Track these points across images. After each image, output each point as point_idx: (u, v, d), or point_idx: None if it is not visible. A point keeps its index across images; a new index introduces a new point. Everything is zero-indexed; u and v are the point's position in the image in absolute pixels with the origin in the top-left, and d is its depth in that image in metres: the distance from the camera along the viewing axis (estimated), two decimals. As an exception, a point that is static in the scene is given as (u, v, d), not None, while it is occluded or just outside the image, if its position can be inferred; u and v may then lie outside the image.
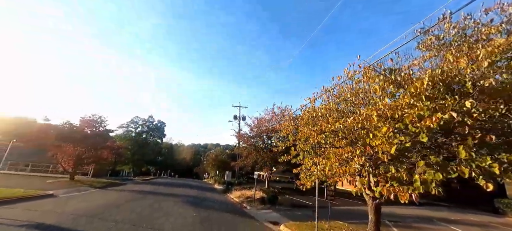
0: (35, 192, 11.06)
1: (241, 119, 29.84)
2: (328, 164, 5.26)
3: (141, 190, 16.92)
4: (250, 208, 13.22)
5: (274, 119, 21.62)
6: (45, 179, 18.32)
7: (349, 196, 23.70)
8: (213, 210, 10.74)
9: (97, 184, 17.68)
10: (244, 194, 18.52)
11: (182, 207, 10.33)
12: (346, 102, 5.27)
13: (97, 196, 12.18)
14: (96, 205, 9.21)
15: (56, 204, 8.99)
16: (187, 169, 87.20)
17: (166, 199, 12.84)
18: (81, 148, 17.83)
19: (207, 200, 14.85)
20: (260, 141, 21.37)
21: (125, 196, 12.97)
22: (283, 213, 11.82)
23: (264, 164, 20.48)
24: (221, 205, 13.14)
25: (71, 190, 13.83)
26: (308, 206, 14.94)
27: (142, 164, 39.44)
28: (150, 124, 39.58)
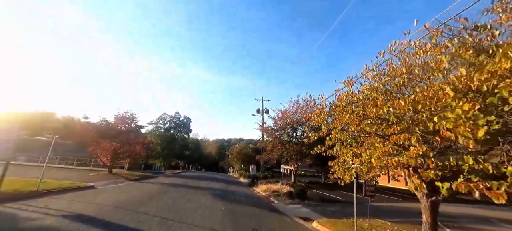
0: (79, 184, 11.98)
1: (264, 113, 29.42)
2: (375, 155, 4.52)
3: (172, 183, 17.57)
4: (277, 202, 12.82)
5: (299, 110, 20.75)
6: (88, 172, 20.08)
7: (382, 191, 22.00)
8: (241, 204, 10.55)
9: (132, 177, 18.83)
10: (270, 188, 18.20)
11: (210, 200, 10.31)
12: (396, 80, 4.42)
13: (132, 188, 12.82)
14: (130, 196, 9.59)
15: (96, 195, 9.56)
16: (212, 163, 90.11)
17: (195, 191, 13.05)
18: (117, 144, 19.05)
19: (234, 193, 14.82)
20: (284, 134, 20.72)
21: (157, 188, 13.47)
22: (313, 208, 11.19)
23: (290, 158, 19.85)
24: (248, 199, 12.95)
25: (109, 182, 14.84)
26: (338, 202, 14.05)
27: (172, 158, 41.59)
28: (177, 120, 41.37)
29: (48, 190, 9.36)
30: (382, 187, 25.30)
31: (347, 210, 11.42)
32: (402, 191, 22.83)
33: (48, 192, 9.16)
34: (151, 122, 39.31)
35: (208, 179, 26.37)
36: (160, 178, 21.51)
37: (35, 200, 7.60)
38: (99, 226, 5.21)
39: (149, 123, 39.08)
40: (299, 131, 20.95)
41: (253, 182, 24.10)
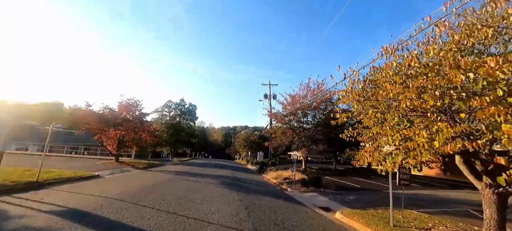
0: (82, 173, 11.43)
1: (271, 98, 28.23)
2: (439, 138, 3.46)
3: (179, 170, 17.04)
4: (291, 190, 12.06)
5: (310, 94, 19.55)
6: (96, 161, 19.78)
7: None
8: (254, 193, 9.78)
9: (139, 165, 18.39)
10: (280, 175, 17.49)
11: (222, 190, 9.58)
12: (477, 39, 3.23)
13: (138, 177, 12.23)
14: (136, 186, 8.92)
15: (99, 185, 8.92)
16: (219, 150, 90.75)
17: (204, 180, 12.39)
18: (122, 131, 18.48)
19: (245, 181, 14.13)
20: (295, 119, 19.70)
21: (165, 177, 12.87)
22: (331, 197, 10.36)
23: (301, 144, 18.95)
24: (260, 187, 12.23)
25: (115, 170, 14.34)
26: (355, 189, 13.19)
27: (179, 146, 41.41)
28: (182, 107, 40.65)
29: (48, 181, 8.76)
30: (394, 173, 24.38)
31: (366, 198, 10.59)
32: (418, 177, 21.84)
33: (48, 183, 8.55)
34: (156, 109, 38.83)
35: (216, 166, 25.94)
36: (167, 166, 21.11)
37: (32, 192, 6.95)
38: (93, 226, 4.42)
39: (154, 111, 38.63)
40: (310, 115, 19.88)
41: (261, 169, 23.52)
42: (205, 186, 10.11)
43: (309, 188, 12.37)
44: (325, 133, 18.20)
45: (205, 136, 73.20)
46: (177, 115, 39.83)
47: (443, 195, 13.10)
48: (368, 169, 23.60)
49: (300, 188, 12.57)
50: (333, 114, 6.75)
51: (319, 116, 19.47)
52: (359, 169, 23.44)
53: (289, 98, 21.14)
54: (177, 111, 39.92)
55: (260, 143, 44.52)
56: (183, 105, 40.91)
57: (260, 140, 47.68)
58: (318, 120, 18.78)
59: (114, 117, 17.92)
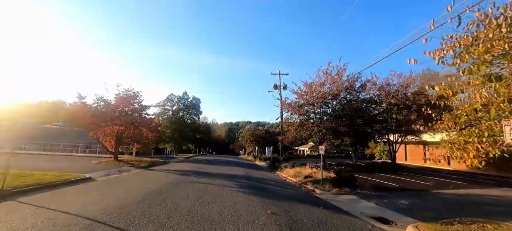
0: (69, 176, 9.45)
1: (282, 88, 25.94)
2: None
3: (185, 169, 15.04)
4: (321, 192, 9.96)
5: (330, 81, 17.26)
6: (92, 159, 17.90)
7: (421, 172, 18.74)
8: (283, 198, 7.68)
9: (140, 164, 16.46)
10: (299, 172, 15.39)
11: (242, 195, 7.50)
12: None
13: (137, 180, 10.22)
14: (131, 193, 6.89)
15: (84, 193, 6.90)
16: (223, 146, 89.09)
17: (217, 182, 10.34)
18: (120, 127, 16.48)
19: (262, 181, 12.06)
20: (313, 109, 17.48)
21: (169, 178, 10.84)
22: (377, 201, 8.22)
23: (321, 137, 16.75)
24: (284, 189, 10.15)
25: (112, 171, 12.38)
26: (398, 190, 10.93)
27: (183, 142, 39.43)
28: (186, 101, 38.37)
29: (19, 188, 6.75)
30: (417, 168, 22.09)
31: (421, 203, 8.46)
32: (447, 172, 19.56)
33: (19, 191, 6.56)
34: (158, 103, 36.60)
35: (224, 163, 23.95)
36: (171, 164, 19.16)
37: (-17, 208, 4.93)
38: None
39: (156, 105, 36.44)
40: (329, 105, 17.62)
41: (274, 166, 21.47)
42: (220, 191, 8.04)
43: (343, 189, 10.24)
44: (350, 124, 16.02)
45: (209, 132, 71.35)
46: (180, 109, 37.61)
47: (490, 194, 10.87)
48: (388, 164, 21.36)
49: (330, 188, 10.46)
50: (420, 90, 4.51)
51: (341, 104, 17.23)
52: (381, 165, 21.23)
53: (303, 87, 18.90)
54: (180, 105, 37.70)
55: (268, 138, 42.55)
56: (186, 98, 38.64)
57: (267, 135, 45.65)
58: (342, 108, 16.54)
59: (111, 111, 15.87)
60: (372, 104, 18.47)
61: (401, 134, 18.99)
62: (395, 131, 18.89)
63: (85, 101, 15.43)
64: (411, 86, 18.98)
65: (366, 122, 18.02)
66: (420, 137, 19.00)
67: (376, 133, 18.73)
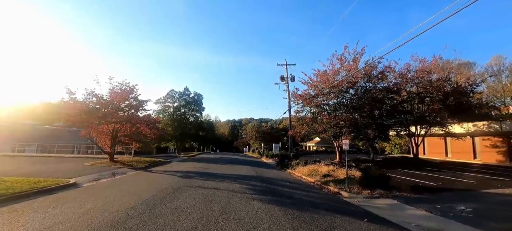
0: (49, 182, 7.90)
1: (289, 80, 24.12)
2: None
3: (188, 170, 13.45)
4: (349, 196, 8.26)
5: (346, 68, 15.39)
6: (85, 160, 16.43)
7: (448, 167, 16.68)
8: (310, 209, 5.97)
9: (138, 165, 14.92)
10: (315, 170, 13.69)
11: (260, 206, 5.83)
12: None
13: (130, 185, 8.63)
14: (115, 208, 5.26)
15: (52, 207, 5.30)
16: (226, 143, 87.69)
17: (225, 185, 8.70)
18: (116, 124, 14.92)
19: (277, 183, 10.39)
20: (328, 100, 15.67)
21: (169, 182, 9.23)
22: (430, 208, 6.46)
23: (337, 131, 14.97)
24: (307, 193, 8.45)
25: (103, 174, 10.83)
26: (440, 190, 9.07)
27: (185, 140, 37.86)
28: (187, 97, 36.58)
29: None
30: (441, 162, 20.15)
31: (483, 208, 6.73)
32: (474, 166, 17.60)
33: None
34: (158, 100, 34.90)
35: (230, 162, 22.36)
36: (173, 164, 17.62)
37: None
38: None
39: (156, 101, 34.78)
40: (346, 96, 15.77)
41: (283, 163, 19.79)
42: (229, 199, 6.38)
43: (376, 191, 8.50)
44: (372, 115, 14.22)
45: (212, 130, 69.81)
46: (181, 105, 35.85)
47: None
48: (408, 159, 19.41)
49: (359, 190, 8.73)
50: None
51: (358, 94, 15.39)
52: (401, 160, 19.29)
53: (314, 77, 17.07)
54: (181, 102, 35.95)
55: (273, 134, 40.86)
56: (188, 94, 36.86)
57: (273, 131, 43.96)
58: (360, 98, 14.70)
59: (104, 107, 14.28)
60: (391, 93, 16.58)
61: (425, 125, 17.09)
62: (419, 122, 16.98)
63: (75, 97, 13.87)
64: (435, 74, 17.04)
65: (387, 113, 16.18)
66: (448, 129, 17.07)
67: (397, 124, 16.86)
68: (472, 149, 21.21)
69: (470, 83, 16.74)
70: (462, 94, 16.62)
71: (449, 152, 23.84)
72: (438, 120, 16.58)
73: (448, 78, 16.23)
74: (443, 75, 16.25)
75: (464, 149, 21.61)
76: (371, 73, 15.09)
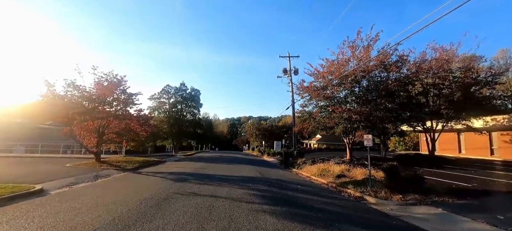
0: (9, 189, 6.32)
1: (292, 73, 22.57)
2: None
3: (182, 172, 11.92)
4: (377, 202, 6.79)
5: (357, 57, 13.88)
6: (71, 161, 14.80)
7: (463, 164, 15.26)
8: (339, 226, 4.44)
9: (127, 165, 13.34)
10: (325, 170, 12.21)
11: (276, 226, 4.28)
12: None
13: (107, 192, 7.08)
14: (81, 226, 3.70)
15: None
16: (225, 141, 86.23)
17: (224, 192, 7.16)
18: (102, 121, 13.30)
19: (285, 186, 8.86)
20: (339, 92, 14.16)
21: (157, 187, 7.69)
22: (490, 219, 4.97)
23: (349, 125, 13.46)
24: (323, 200, 6.94)
25: (83, 177, 9.25)
26: (483, 193, 7.59)
27: (182, 138, 36.14)
28: (184, 92, 34.76)
29: None
30: (458, 159, 18.78)
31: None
32: (493, 163, 16.20)
33: None
34: (152, 96, 33.01)
35: (230, 160, 20.82)
36: (168, 164, 16.06)
37: None
38: None
39: (150, 97, 32.95)
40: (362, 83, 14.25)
41: (287, 162, 18.34)
42: (233, 212, 4.85)
43: (409, 196, 7.02)
44: (389, 108, 12.76)
45: (211, 128, 68.09)
46: (178, 101, 34.06)
47: None
48: (423, 156, 17.99)
49: (388, 195, 7.24)
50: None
51: (373, 84, 13.90)
52: (415, 157, 17.86)
53: (321, 68, 15.54)
54: (177, 97, 34.16)
55: (274, 131, 39.33)
56: (184, 90, 35.06)
57: (273, 128, 42.43)
58: (374, 89, 13.20)
59: (87, 100, 12.63)
60: (406, 85, 15.11)
61: (443, 119, 15.65)
62: (437, 116, 15.53)
63: (54, 89, 12.21)
64: (455, 63, 15.57)
65: (401, 106, 14.72)
66: (472, 123, 15.65)
67: (413, 119, 15.40)
68: (489, 144, 19.86)
69: (492, 73, 15.30)
70: (484, 85, 15.21)
71: (462, 148, 22.48)
72: (456, 114, 15.17)
73: (470, 67, 14.78)
74: (465, 64, 14.79)
75: (480, 144, 20.24)
76: (386, 61, 13.59)
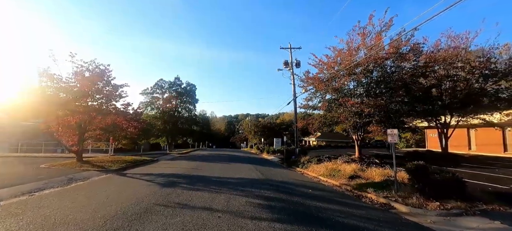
0: None
1: (293, 65, 21.18)
2: None
3: (173, 173, 10.50)
4: (411, 211, 5.50)
5: (366, 46, 12.53)
6: (47, 160, 13.25)
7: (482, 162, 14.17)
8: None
9: (112, 166, 11.86)
10: (334, 169, 10.90)
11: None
12: None
13: (76, 201, 5.66)
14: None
15: None
16: (223, 139, 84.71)
17: (221, 202, 5.79)
18: (82, 115, 11.75)
19: (295, 192, 7.51)
20: (350, 82, 12.80)
21: (137, 194, 6.30)
22: None
23: (361, 120, 12.12)
24: (344, 209, 5.61)
25: (54, 181, 7.78)
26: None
27: (178, 136, 34.46)
28: (178, 87, 32.92)
29: None
30: (472, 157, 17.69)
31: None
32: (496, 159, 15.09)
33: None
34: (144, 90, 30.98)
35: (228, 159, 19.43)
36: (159, 163, 14.61)
37: None
38: None
39: (143, 92, 31.04)
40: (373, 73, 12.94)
41: (289, 160, 17.06)
42: None
43: (450, 203, 5.72)
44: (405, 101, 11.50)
45: (208, 125, 66.39)
46: (172, 97, 32.28)
47: None
48: (435, 153, 16.81)
49: (422, 201, 5.94)
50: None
51: (385, 74, 12.60)
52: (427, 155, 16.69)
53: (326, 58, 14.17)
54: (171, 92, 32.39)
55: (274, 128, 38.05)
56: (179, 84, 33.26)
57: (272, 125, 41.12)
58: (389, 81, 11.89)
59: (64, 92, 11.06)
60: (420, 76, 13.86)
61: (460, 114, 14.47)
62: (453, 109, 14.33)
63: (32, 83, 10.63)
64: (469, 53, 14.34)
65: (416, 98, 13.52)
66: (492, 118, 14.50)
67: (427, 113, 14.20)
68: (502, 141, 18.82)
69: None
70: (503, 76, 14.03)
71: (472, 145, 21.46)
72: (474, 108, 14.00)
73: (489, 57, 13.57)
74: (484, 53, 13.56)
75: (492, 141, 19.21)
76: (402, 49, 12.30)
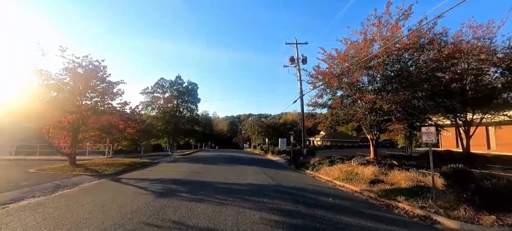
0: None
1: (299, 61, 20.07)
2: None
3: (173, 177, 9.50)
4: (462, 227, 4.40)
5: (381, 37, 11.42)
6: (38, 164, 12.35)
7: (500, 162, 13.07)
8: None
9: (108, 170, 10.91)
10: (351, 172, 9.80)
11: None
12: None
13: (55, 215, 4.67)
14: None
15: None
16: (225, 139, 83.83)
17: (229, 217, 4.80)
18: (75, 115, 10.83)
19: (314, 202, 6.44)
20: (365, 76, 11.71)
21: (127, 207, 5.34)
22: None
23: (378, 117, 11.00)
24: (382, 227, 4.52)
25: (36, 189, 6.82)
26: None
27: (179, 136, 33.53)
28: (180, 86, 31.99)
29: None
30: (494, 157, 16.42)
31: None
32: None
33: None
34: (145, 90, 30.11)
35: (231, 161, 18.41)
36: (159, 166, 13.64)
37: None
38: None
39: (143, 91, 30.13)
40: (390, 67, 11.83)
41: (297, 162, 15.98)
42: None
43: (510, 216, 4.61)
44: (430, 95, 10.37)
45: (211, 126, 65.50)
46: (173, 96, 31.36)
47: None
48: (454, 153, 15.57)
49: (472, 213, 4.83)
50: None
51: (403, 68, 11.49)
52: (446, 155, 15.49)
53: (334, 52, 13.08)
54: (173, 92, 31.46)
55: (279, 128, 36.92)
56: (180, 83, 32.32)
57: (277, 125, 40.00)
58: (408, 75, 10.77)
59: (55, 89, 10.15)
60: (440, 70, 12.70)
61: (485, 110, 13.28)
62: (476, 105, 13.14)
63: (29, 84, 9.70)
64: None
65: (434, 94, 12.37)
66: None
67: (447, 110, 13.03)
68: (527, 141, 17.54)
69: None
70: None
71: (492, 144, 20.15)
72: (503, 104, 12.81)
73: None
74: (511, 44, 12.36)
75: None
76: (423, 39, 11.18)
